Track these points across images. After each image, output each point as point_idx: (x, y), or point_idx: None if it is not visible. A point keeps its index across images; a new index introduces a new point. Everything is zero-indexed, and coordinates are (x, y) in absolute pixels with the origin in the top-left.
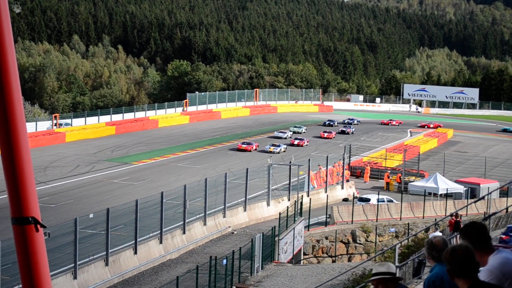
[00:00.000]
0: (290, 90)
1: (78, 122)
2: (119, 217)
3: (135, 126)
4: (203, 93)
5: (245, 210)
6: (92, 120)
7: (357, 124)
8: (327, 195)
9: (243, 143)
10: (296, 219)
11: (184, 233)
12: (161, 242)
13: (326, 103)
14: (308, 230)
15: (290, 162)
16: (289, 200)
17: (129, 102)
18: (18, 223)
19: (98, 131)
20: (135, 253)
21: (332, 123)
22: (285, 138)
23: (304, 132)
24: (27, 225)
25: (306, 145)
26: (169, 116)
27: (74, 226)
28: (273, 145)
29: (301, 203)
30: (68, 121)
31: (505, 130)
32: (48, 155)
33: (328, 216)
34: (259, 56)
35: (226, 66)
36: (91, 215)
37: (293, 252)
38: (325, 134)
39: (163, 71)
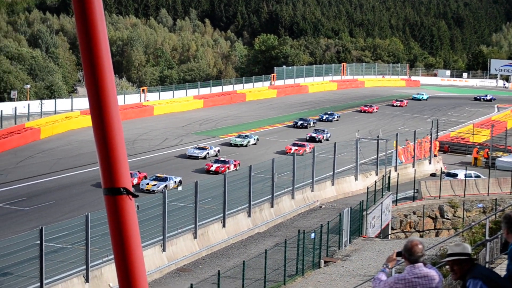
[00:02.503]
0: (377, 65)
1: (166, 95)
2: (208, 190)
3: (222, 99)
4: (290, 67)
5: (333, 184)
6: (179, 93)
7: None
8: (415, 170)
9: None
10: (383, 193)
11: (272, 206)
12: (249, 216)
13: (413, 78)
14: (396, 205)
15: (378, 137)
16: (377, 174)
17: (216, 76)
18: (109, 193)
19: (186, 104)
20: (224, 226)
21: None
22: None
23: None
24: (118, 195)
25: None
26: (257, 90)
27: (162, 199)
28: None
29: (389, 177)
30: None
31: None
32: (136, 128)
33: (415, 191)
34: (345, 31)
35: (313, 40)
36: (179, 188)
37: (380, 227)
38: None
39: (250, 45)
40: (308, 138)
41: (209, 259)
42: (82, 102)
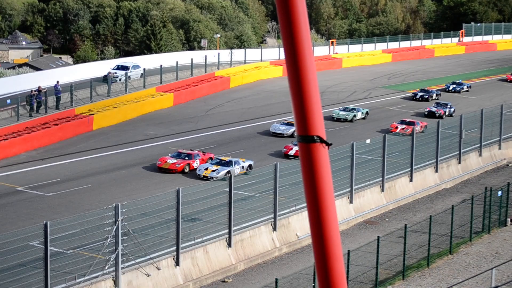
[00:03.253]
0: None
1: (354, 48)
2: (395, 144)
3: (411, 54)
4: (478, 24)
5: None
6: (368, 47)
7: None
8: None
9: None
10: None
11: (459, 163)
12: (436, 171)
13: None
14: None
15: None
16: None
17: (404, 30)
18: (303, 141)
19: (374, 58)
20: (411, 180)
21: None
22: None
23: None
24: (312, 143)
25: None
26: (445, 46)
27: (350, 151)
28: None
29: None
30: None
31: None
32: (325, 80)
33: None
34: None
35: None
36: (368, 141)
37: None
38: None
39: (438, 1)
40: (426, 113)
41: (396, 212)
42: (271, 53)
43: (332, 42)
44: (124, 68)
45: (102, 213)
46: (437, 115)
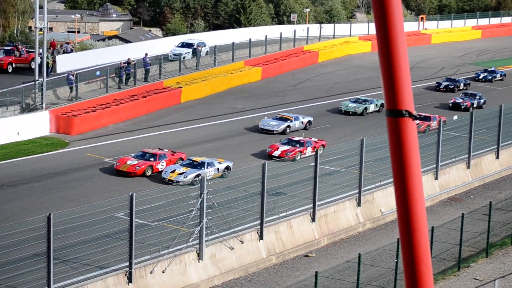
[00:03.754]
0: None
1: (444, 24)
2: (483, 121)
3: (501, 31)
4: None
5: None
6: (457, 23)
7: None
8: None
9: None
10: None
11: None
12: None
13: None
14: None
15: None
16: None
17: (495, 7)
18: (391, 115)
19: (464, 34)
20: (497, 157)
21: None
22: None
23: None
24: (400, 117)
25: None
26: None
27: (437, 128)
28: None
29: None
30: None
31: None
32: (413, 56)
33: None
34: None
35: None
36: (455, 117)
37: None
38: None
39: None
40: (450, 105)
41: (481, 190)
42: (360, 28)
43: (422, 18)
44: (189, 45)
45: (187, 186)
46: (462, 107)
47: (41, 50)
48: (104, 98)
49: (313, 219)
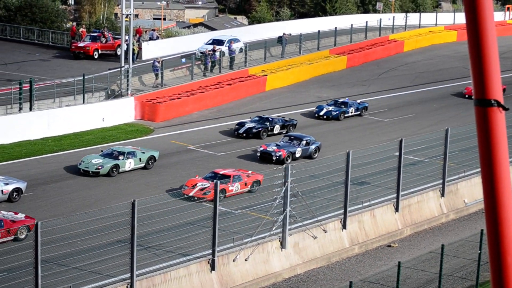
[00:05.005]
0: None
1: None
2: None
3: None
4: None
5: None
6: None
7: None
8: None
9: None
10: None
11: None
12: None
13: None
14: None
15: None
16: None
17: None
18: (480, 104)
19: None
20: None
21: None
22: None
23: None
24: (489, 107)
25: None
26: None
27: None
28: None
29: None
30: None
31: None
32: (500, 46)
33: None
34: None
35: None
36: None
37: None
38: None
39: None
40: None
41: None
42: (446, 17)
43: (508, 8)
44: (220, 42)
45: (272, 174)
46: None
47: (127, 37)
48: (189, 85)
49: (397, 209)
